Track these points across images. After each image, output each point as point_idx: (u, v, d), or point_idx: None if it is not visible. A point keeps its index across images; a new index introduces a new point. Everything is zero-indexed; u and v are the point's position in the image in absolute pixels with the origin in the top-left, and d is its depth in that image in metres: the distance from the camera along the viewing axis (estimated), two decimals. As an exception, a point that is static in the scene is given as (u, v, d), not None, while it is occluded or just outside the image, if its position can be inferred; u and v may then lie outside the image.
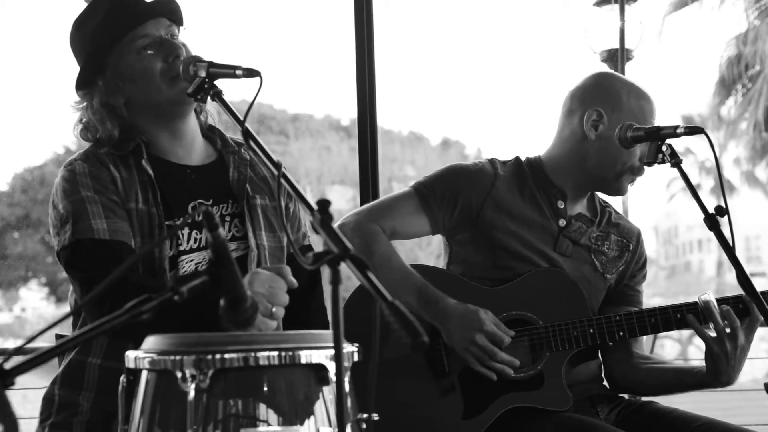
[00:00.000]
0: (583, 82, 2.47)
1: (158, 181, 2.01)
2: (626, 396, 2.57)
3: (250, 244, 2.06)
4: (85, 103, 2.06)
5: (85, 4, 2.08)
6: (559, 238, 2.42)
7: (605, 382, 2.51)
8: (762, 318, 2.19)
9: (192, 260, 2.01)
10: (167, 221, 1.99)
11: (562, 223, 2.42)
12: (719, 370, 2.21)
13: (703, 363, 2.25)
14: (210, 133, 2.19)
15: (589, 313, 2.36)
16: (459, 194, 2.38)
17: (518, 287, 2.36)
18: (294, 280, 1.78)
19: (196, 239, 2.02)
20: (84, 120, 2.07)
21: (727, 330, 2.19)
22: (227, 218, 2.08)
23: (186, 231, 2.01)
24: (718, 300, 2.26)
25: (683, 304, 2.32)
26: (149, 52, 2.00)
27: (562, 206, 2.43)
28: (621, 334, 2.32)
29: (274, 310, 1.73)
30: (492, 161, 2.48)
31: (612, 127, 2.36)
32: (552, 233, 2.42)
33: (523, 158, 2.51)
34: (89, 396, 1.99)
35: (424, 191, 2.40)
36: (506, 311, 2.31)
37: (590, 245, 2.45)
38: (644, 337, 2.48)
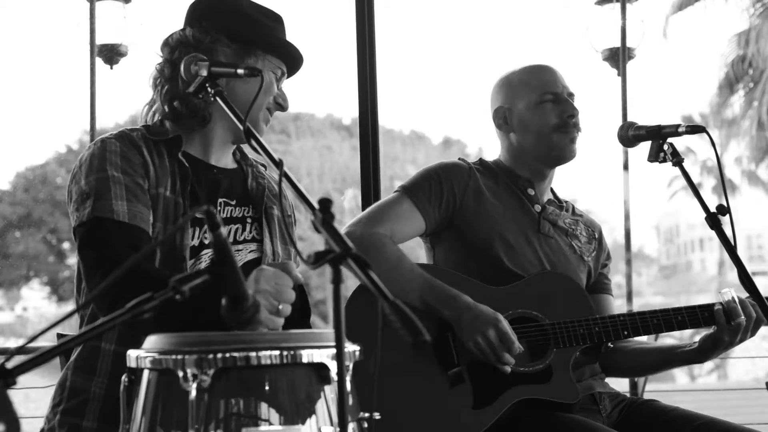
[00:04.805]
0: None
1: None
2: (627, 394, 2.58)
3: (265, 249, 2.09)
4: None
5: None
6: (540, 220, 2.51)
7: (606, 378, 2.53)
8: (765, 319, 2.27)
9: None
10: None
11: (538, 208, 2.52)
12: (713, 353, 2.34)
13: (688, 342, 2.39)
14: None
15: (594, 315, 2.38)
16: (443, 183, 2.45)
17: (524, 287, 2.38)
18: (299, 276, 1.77)
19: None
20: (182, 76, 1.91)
21: (743, 322, 2.26)
22: (248, 220, 2.12)
23: None
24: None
25: (683, 308, 2.37)
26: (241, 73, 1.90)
27: (533, 193, 2.53)
28: (626, 333, 2.36)
29: (281, 307, 1.71)
30: (462, 160, 2.58)
31: (520, 111, 2.49)
32: (533, 216, 2.51)
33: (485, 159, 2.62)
34: (102, 383, 1.94)
35: (412, 189, 2.45)
36: (512, 309, 2.34)
37: (566, 228, 2.55)
38: None
